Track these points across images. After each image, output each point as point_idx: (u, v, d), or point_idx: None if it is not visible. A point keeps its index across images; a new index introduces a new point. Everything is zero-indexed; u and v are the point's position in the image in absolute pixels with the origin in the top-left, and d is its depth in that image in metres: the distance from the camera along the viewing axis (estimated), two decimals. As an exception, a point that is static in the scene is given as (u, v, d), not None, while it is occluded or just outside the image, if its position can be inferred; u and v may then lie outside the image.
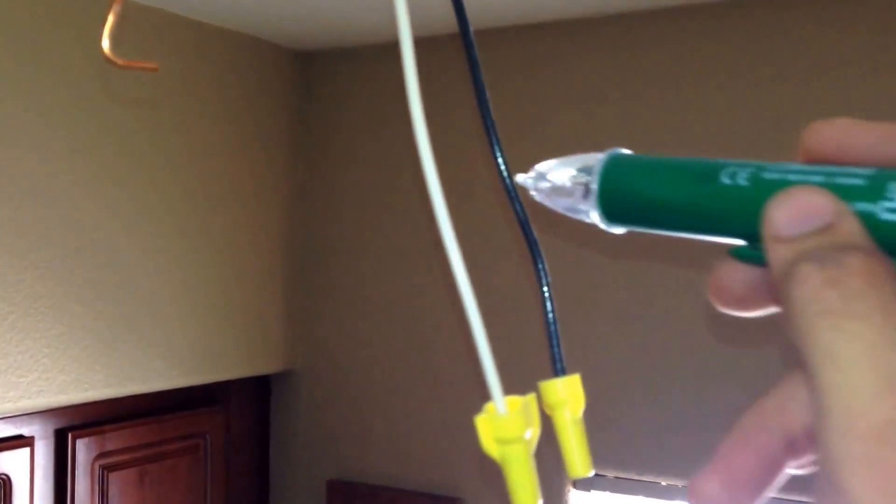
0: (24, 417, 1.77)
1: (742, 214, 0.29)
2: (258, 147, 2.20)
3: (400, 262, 2.18)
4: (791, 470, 0.28)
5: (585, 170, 0.37)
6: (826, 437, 0.22)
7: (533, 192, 0.40)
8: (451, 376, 2.10)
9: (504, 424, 0.42)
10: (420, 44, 0.40)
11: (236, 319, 2.13)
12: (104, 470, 1.89)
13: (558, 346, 0.47)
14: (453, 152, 2.00)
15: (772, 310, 0.30)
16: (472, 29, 0.48)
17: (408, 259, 2.17)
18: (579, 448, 0.44)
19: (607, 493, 1.99)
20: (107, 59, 0.50)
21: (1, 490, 1.71)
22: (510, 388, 0.49)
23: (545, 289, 0.48)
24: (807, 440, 0.27)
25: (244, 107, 2.16)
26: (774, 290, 0.28)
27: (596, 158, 0.36)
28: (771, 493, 0.28)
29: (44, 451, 1.81)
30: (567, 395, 0.45)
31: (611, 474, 1.96)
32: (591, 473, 0.44)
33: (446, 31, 2.08)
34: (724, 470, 0.27)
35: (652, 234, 0.35)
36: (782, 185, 0.28)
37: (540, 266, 0.48)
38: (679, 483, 1.89)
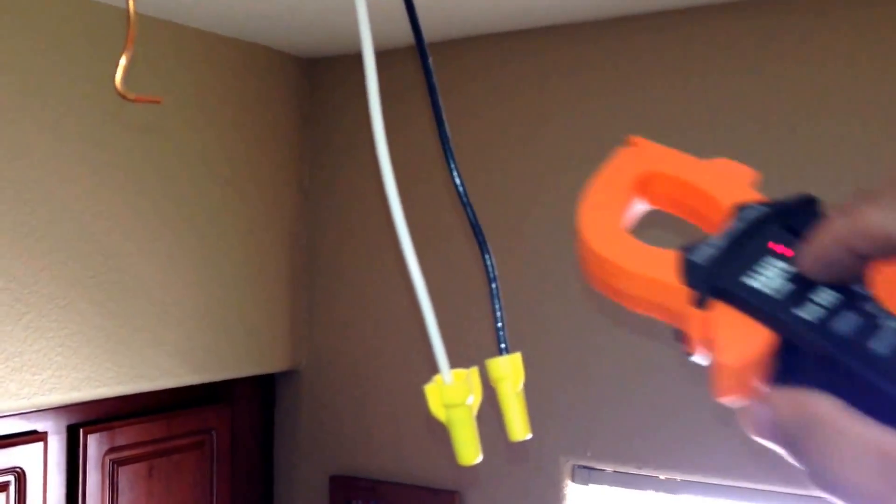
0: (38, 413, 1.82)
1: None
2: (265, 151, 2.24)
3: (403, 262, 2.21)
4: None
5: None
6: None
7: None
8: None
9: (449, 391, 0.49)
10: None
11: (243, 320, 2.16)
12: (114, 464, 1.92)
13: (503, 327, 0.53)
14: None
15: None
16: (426, 42, 0.54)
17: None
18: (519, 415, 0.50)
19: (605, 486, 1.97)
20: (119, 95, 0.57)
21: (16, 483, 1.75)
22: (464, 365, 0.56)
23: (492, 274, 0.54)
24: None
25: (251, 112, 2.20)
26: None
27: None
28: None
29: (56, 445, 1.85)
30: (509, 370, 0.51)
31: (609, 468, 1.95)
32: (529, 436, 0.50)
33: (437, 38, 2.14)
34: None
35: None
36: None
37: (487, 258, 0.55)
38: (678, 476, 1.88)
